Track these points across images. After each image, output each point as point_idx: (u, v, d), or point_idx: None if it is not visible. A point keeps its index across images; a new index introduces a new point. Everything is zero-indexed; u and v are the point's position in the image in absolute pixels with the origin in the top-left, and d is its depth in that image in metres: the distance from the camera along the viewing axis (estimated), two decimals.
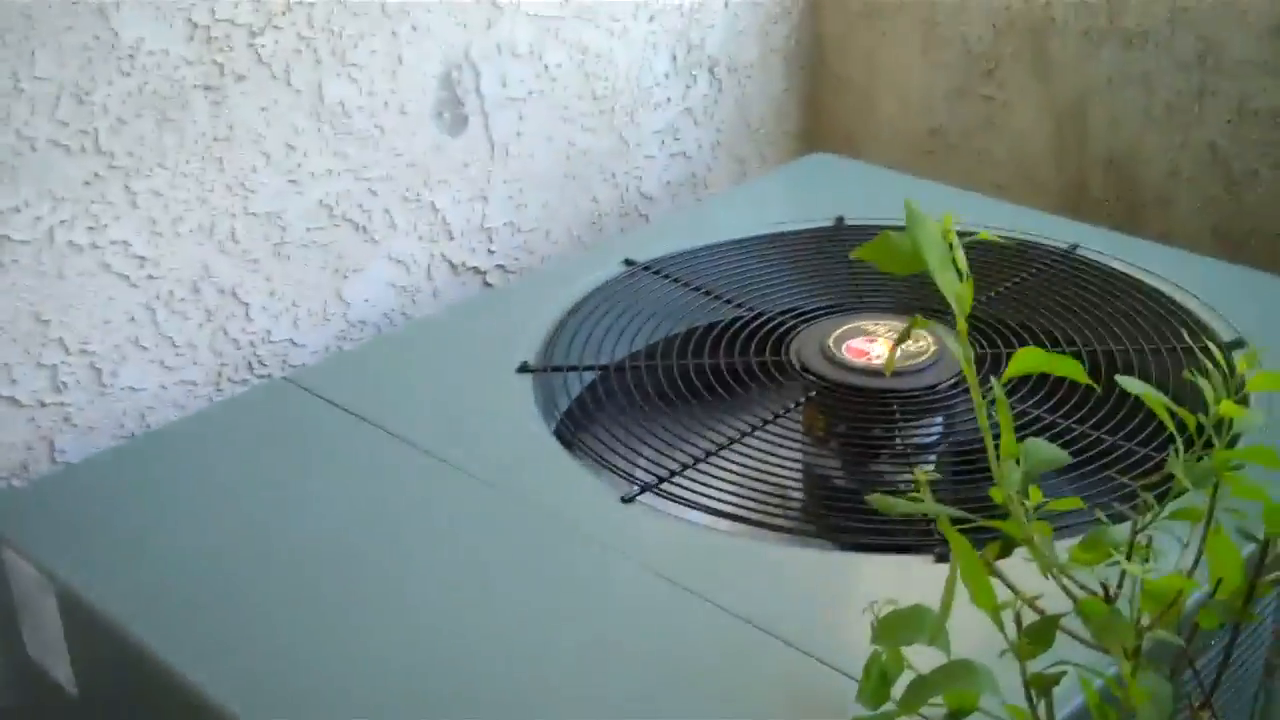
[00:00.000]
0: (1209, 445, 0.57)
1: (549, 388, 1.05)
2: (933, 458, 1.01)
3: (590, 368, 1.08)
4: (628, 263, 1.21)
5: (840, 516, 0.92)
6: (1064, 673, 0.55)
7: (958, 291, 0.51)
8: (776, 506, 0.92)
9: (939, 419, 1.01)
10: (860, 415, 1.00)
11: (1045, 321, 1.13)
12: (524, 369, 1.06)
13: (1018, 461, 0.56)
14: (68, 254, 1.06)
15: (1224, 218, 1.35)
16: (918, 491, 0.59)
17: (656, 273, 1.21)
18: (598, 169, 1.43)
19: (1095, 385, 0.61)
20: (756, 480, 0.94)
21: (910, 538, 0.89)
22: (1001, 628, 0.57)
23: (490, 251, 1.35)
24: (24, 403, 1.07)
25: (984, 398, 0.56)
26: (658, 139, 1.47)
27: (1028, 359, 0.55)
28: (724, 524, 0.90)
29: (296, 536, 0.89)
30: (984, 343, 1.07)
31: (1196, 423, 0.55)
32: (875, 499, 0.59)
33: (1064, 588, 0.54)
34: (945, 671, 0.62)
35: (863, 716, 0.68)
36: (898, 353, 1.02)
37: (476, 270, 1.34)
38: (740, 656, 0.78)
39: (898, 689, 0.64)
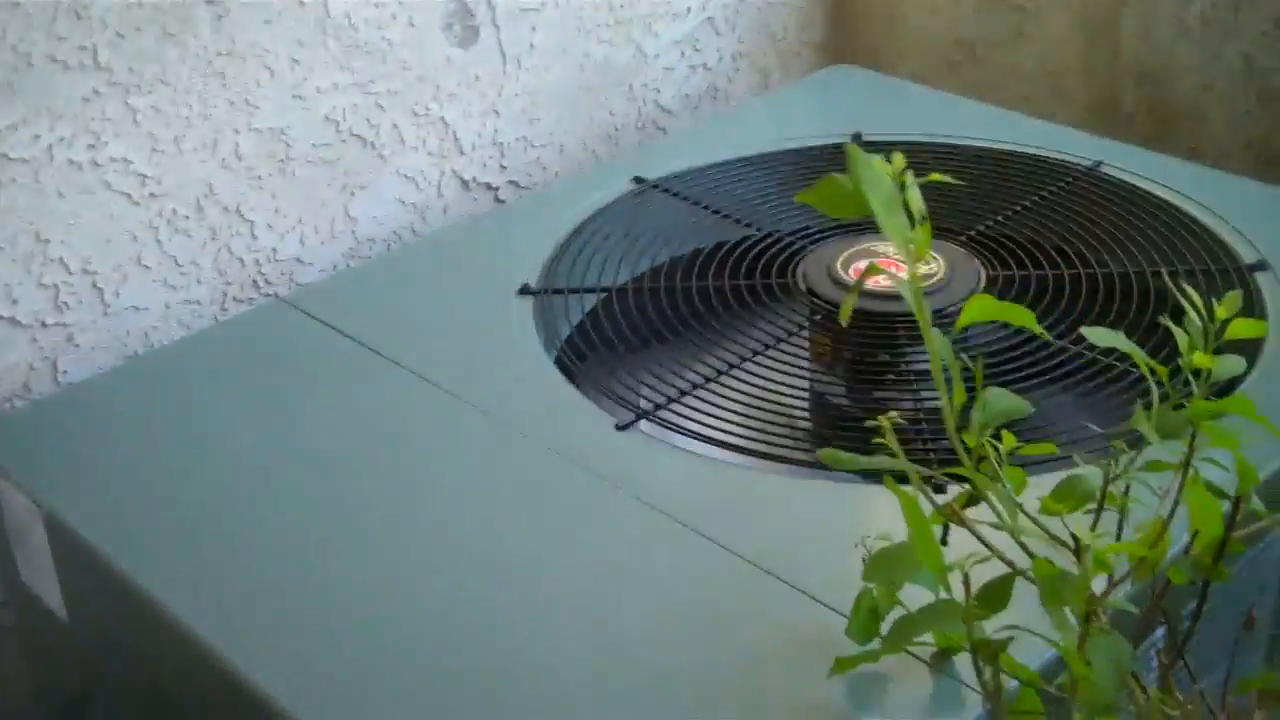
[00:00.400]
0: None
1: (550, 310, 1.03)
2: None
3: (592, 290, 1.06)
4: (637, 180, 1.19)
5: (840, 445, 0.90)
6: (1011, 638, 0.53)
7: (908, 237, 0.48)
8: (774, 434, 0.90)
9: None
10: (865, 340, 0.98)
11: (1061, 241, 1.09)
12: (525, 291, 1.04)
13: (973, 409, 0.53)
14: (67, 172, 1.05)
15: (1257, 134, 1.30)
16: (882, 435, 0.57)
17: (665, 191, 1.18)
18: (614, 82, 1.40)
19: (1050, 339, 0.59)
20: (753, 407, 0.92)
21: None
22: (949, 589, 0.55)
23: (502, 167, 1.33)
24: (25, 323, 1.06)
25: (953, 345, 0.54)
26: (677, 50, 1.44)
27: (979, 308, 0.52)
28: (717, 452, 0.88)
29: (287, 463, 0.88)
30: (994, 263, 1.04)
31: (1170, 370, 0.53)
32: (825, 454, 0.57)
33: (1022, 545, 0.52)
34: (930, 611, 0.61)
35: (846, 656, 0.67)
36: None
37: (488, 186, 1.32)
38: (729, 588, 0.76)
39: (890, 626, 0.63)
